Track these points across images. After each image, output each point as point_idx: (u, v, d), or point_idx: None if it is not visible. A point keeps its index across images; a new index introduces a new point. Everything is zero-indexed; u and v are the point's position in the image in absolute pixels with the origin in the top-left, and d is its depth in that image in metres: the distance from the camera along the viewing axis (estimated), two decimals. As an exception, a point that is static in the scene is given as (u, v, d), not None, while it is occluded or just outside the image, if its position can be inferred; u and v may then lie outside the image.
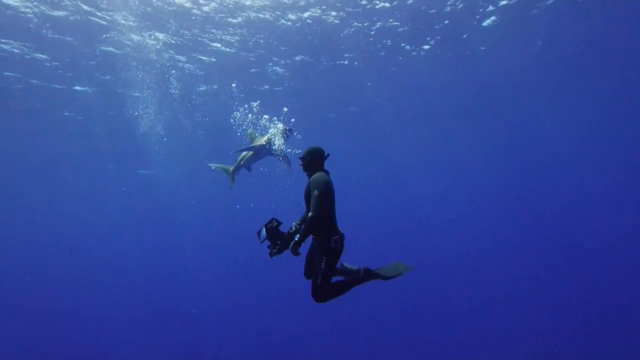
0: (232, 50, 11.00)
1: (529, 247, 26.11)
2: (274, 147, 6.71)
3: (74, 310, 22.36)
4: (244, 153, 7.45)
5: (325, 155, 3.67)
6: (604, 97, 15.27)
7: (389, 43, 11.19)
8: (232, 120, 7.25)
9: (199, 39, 10.42)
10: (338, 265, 3.86)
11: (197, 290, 25.65)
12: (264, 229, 3.36)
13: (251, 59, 11.48)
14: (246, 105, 7.07)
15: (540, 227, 26.74)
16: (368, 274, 3.83)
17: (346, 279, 3.78)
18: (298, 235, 3.23)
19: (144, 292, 25.37)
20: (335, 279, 3.71)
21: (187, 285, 26.61)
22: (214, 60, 11.49)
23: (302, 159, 3.65)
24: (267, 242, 3.28)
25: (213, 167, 8.15)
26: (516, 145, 20.19)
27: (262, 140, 6.86)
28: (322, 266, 3.44)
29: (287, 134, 6.56)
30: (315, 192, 3.28)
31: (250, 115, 7.04)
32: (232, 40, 10.47)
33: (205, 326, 20.83)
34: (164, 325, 20.71)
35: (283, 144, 6.69)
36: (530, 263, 24.28)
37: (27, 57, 10.64)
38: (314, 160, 3.61)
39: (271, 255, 3.28)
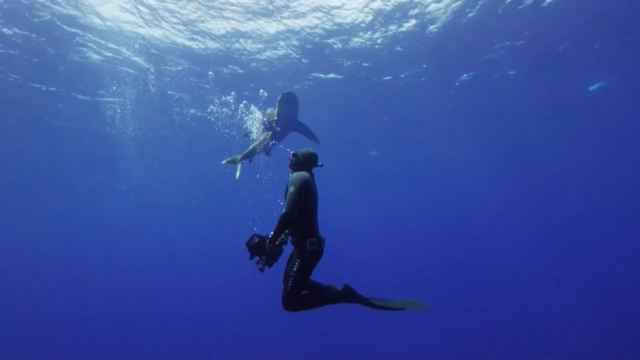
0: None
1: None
2: (282, 118, 6.19)
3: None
4: (263, 135, 6.82)
5: (318, 163, 3.66)
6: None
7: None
8: (209, 117, 7.28)
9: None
10: (326, 283, 3.69)
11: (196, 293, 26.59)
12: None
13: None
14: (223, 98, 7.15)
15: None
16: (349, 294, 3.54)
17: (324, 293, 3.55)
18: (272, 233, 3.17)
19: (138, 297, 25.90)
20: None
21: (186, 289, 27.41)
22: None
23: (294, 155, 3.64)
24: (256, 258, 3.21)
25: (224, 163, 7.43)
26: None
27: (273, 116, 6.29)
28: (295, 269, 3.30)
29: (290, 98, 6.02)
30: (291, 189, 3.23)
31: (225, 109, 7.10)
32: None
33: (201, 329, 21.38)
34: (158, 328, 21.11)
35: (293, 111, 6.17)
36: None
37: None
38: (304, 161, 3.58)
39: (260, 270, 3.17)
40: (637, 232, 24.12)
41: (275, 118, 6.33)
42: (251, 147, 7.11)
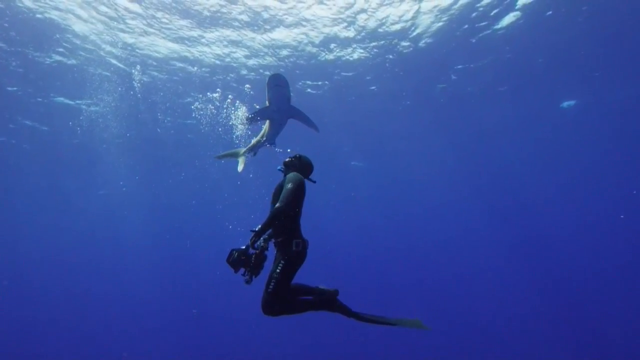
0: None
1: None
2: (273, 103, 5.78)
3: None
4: (265, 127, 6.45)
5: (311, 177, 3.64)
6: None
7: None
8: (193, 115, 7.12)
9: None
10: (313, 285, 3.54)
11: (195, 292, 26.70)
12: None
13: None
14: (209, 94, 6.98)
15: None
16: (332, 302, 3.36)
17: (307, 298, 3.37)
18: (259, 226, 3.04)
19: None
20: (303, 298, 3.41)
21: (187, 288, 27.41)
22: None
23: (297, 157, 3.60)
24: (241, 270, 3.04)
25: (217, 157, 7.06)
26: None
27: (266, 103, 5.91)
28: (278, 270, 3.14)
29: (278, 81, 5.50)
30: (289, 185, 3.15)
31: (210, 106, 6.93)
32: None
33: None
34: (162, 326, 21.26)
35: (284, 94, 5.69)
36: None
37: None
38: (301, 167, 3.55)
39: (247, 282, 3.01)
40: (612, 249, 25.01)
41: (267, 104, 5.88)
42: (255, 140, 6.66)
